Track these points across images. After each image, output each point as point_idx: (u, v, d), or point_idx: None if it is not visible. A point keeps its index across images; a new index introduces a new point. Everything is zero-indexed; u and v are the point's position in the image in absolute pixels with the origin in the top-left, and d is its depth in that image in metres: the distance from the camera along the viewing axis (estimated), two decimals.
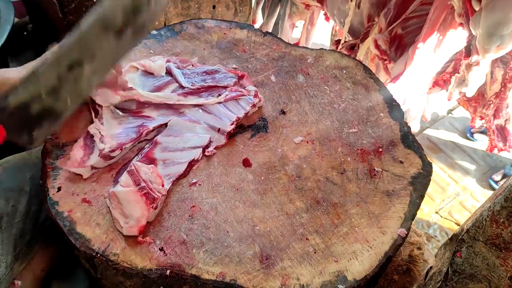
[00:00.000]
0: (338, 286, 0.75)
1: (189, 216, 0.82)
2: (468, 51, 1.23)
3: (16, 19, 1.71)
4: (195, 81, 1.00)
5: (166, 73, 1.01)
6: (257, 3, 2.32)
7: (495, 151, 1.58)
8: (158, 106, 0.94)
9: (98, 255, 0.74)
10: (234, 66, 1.10)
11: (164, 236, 0.78)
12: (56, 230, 0.78)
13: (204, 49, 1.14)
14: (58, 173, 0.84)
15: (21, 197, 0.90)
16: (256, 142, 0.96)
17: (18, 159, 0.97)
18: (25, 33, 1.78)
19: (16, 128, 0.69)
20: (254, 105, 0.99)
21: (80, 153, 0.85)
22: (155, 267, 0.74)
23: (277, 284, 0.74)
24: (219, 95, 0.99)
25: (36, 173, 0.85)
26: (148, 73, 1.00)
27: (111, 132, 0.88)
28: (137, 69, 0.99)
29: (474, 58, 1.21)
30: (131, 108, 0.94)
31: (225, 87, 1.00)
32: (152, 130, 0.91)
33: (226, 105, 0.98)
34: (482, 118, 1.57)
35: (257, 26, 2.33)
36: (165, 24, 1.52)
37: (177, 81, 0.99)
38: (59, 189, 0.82)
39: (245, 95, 0.99)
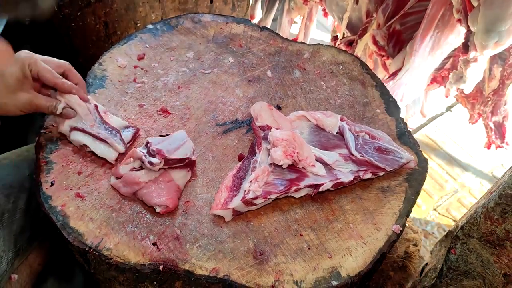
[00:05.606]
0: (332, 282, 0.75)
1: (183, 211, 0.82)
2: (466, 48, 1.22)
3: None
4: (365, 153, 0.89)
5: (337, 132, 0.94)
6: None
7: (493, 148, 1.57)
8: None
9: (91, 250, 0.74)
10: (230, 60, 1.10)
11: (157, 231, 0.78)
12: (50, 225, 0.78)
13: (200, 43, 1.13)
14: (52, 167, 0.84)
15: (21, 193, 0.90)
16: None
17: (17, 156, 0.97)
18: (21, 27, 1.76)
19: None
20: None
21: (225, 194, 0.81)
22: (148, 262, 0.74)
23: (271, 280, 0.74)
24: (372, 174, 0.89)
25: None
26: (318, 127, 0.94)
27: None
28: (307, 120, 0.95)
29: (472, 54, 1.20)
30: None
31: (383, 169, 0.89)
32: (301, 188, 0.84)
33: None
34: (480, 115, 1.57)
35: (255, 21, 2.31)
36: (161, 18, 1.51)
37: (346, 146, 0.91)
38: (52, 183, 0.81)
39: None
